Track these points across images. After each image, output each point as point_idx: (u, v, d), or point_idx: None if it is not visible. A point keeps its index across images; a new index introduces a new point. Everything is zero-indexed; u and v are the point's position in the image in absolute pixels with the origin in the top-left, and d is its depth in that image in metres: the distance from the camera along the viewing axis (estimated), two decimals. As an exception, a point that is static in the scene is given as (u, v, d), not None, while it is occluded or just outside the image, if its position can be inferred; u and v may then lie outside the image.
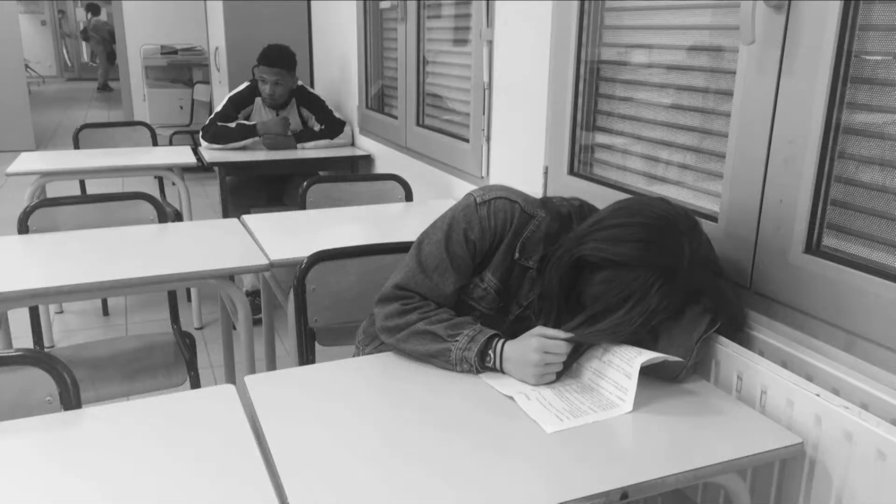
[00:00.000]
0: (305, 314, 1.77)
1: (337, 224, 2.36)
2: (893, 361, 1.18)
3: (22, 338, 2.47)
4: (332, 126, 3.73)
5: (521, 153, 2.29)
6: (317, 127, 3.73)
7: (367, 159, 3.70)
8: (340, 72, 4.14)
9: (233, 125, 3.54)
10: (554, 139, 2.08)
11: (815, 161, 1.29)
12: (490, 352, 1.32)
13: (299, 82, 3.69)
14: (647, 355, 1.24)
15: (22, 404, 1.25)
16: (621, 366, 1.25)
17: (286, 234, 2.22)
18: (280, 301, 2.35)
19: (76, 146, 3.63)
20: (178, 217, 3.43)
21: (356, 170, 3.72)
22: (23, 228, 2.21)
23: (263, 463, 1.05)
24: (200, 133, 3.58)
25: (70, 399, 1.26)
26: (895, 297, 1.17)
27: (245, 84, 3.66)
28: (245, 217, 2.32)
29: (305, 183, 2.66)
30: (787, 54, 1.31)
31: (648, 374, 1.27)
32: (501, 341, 1.32)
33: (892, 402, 1.14)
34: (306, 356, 1.79)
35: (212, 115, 3.61)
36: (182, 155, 3.42)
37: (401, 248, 1.75)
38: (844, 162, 1.28)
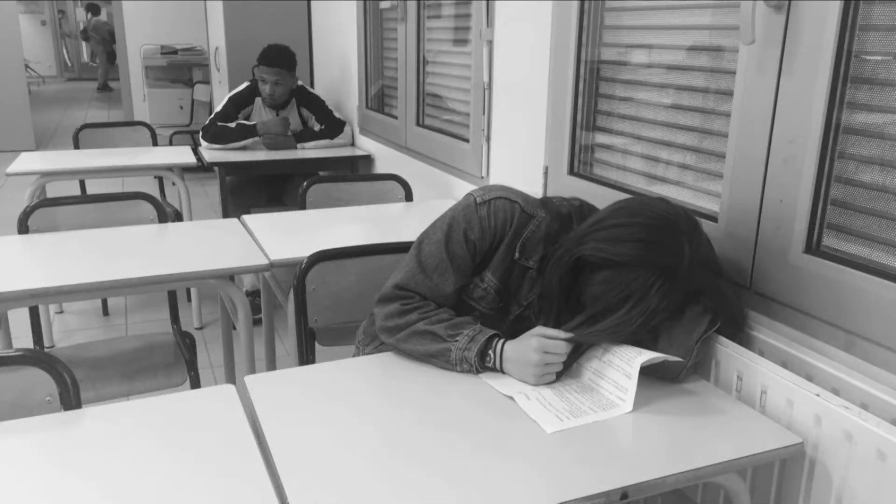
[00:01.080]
0: (305, 314, 1.77)
1: (337, 224, 2.36)
2: (893, 361, 1.18)
3: (22, 338, 2.47)
4: (332, 126, 3.73)
5: (521, 153, 2.29)
6: (317, 127, 3.73)
7: (367, 159, 3.70)
8: (340, 72, 4.15)
9: (233, 125, 3.54)
10: (554, 139, 2.08)
11: (815, 161, 1.29)
12: (490, 352, 1.32)
13: (299, 82, 3.69)
14: (647, 355, 1.24)
15: (22, 404, 1.25)
16: (621, 366, 1.25)
17: (286, 234, 2.22)
18: (280, 301, 2.35)
19: (76, 146, 3.63)
20: (178, 217, 3.43)
21: (356, 170, 3.72)
22: (23, 228, 2.21)
23: (263, 463, 1.05)
24: (200, 133, 3.58)
25: (70, 399, 1.26)
26: (895, 297, 1.17)
27: (245, 84, 3.66)
28: (245, 217, 2.32)
29: (305, 183, 2.65)
30: (787, 54, 1.31)
31: (648, 374, 1.27)
32: (501, 341, 1.32)
33: (892, 402, 1.14)
34: (306, 356, 1.79)
35: (212, 115, 3.61)
36: (182, 155, 3.42)
37: (401, 248, 1.75)
38: (844, 162, 1.28)
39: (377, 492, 0.99)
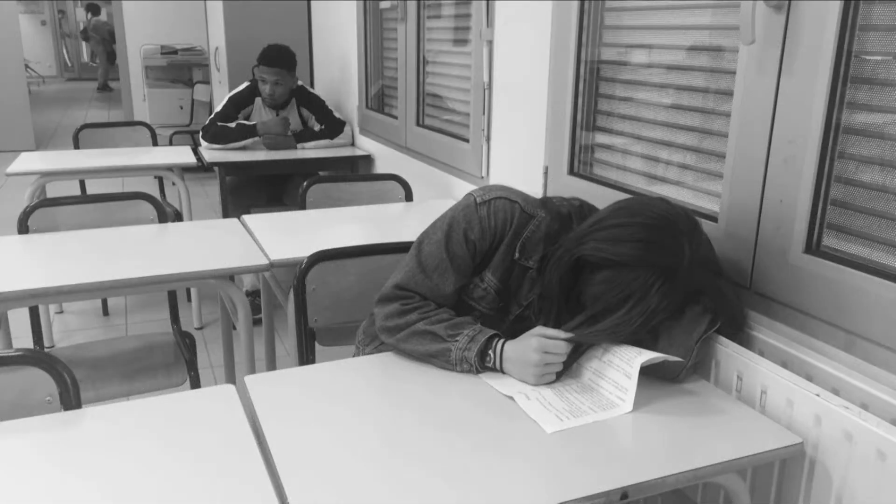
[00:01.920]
0: (305, 314, 1.77)
1: (337, 224, 2.36)
2: (893, 361, 1.18)
3: (22, 338, 2.47)
4: (332, 126, 3.73)
5: (521, 153, 2.29)
6: (317, 127, 3.73)
7: (367, 159, 3.70)
8: (340, 72, 4.15)
9: (233, 125, 3.54)
10: (554, 139, 2.08)
11: (815, 161, 1.29)
12: (490, 352, 1.32)
13: (299, 82, 3.69)
14: (647, 355, 1.24)
15: (22, 404, 1.25)
16: (621, 366, 1.25)
17: (286, 234, 2.22)
18: (280, 301, 2.35)
19: (76, 146, 3.63)
20: (178, 217, 3.43)
21: (356, 170, 3.72)
22: (23, 228, 2.21)
23: (263, 463, 1.05)
24: (200, 133, 3.58)
25: (70, 399, 1.26)
26: (895, 297, 1.17)
27: (245, 84, 3.66)
28: (245, 217, 2.32)
29: (305, 183, 2.66)
30: (787, 54, 1.31)
31: (648, 374, 1.27)
32: (501, 341, 1.32)
33: (892, 402, 1.14)
34: (306, 356, 1.79)
35: (212, 115, 3.61)
36: (182, 155, 3.42)
37: (401, 248, 1.75)
38: (844, 162, 1.28)
39: (377, 492, 0.99)
